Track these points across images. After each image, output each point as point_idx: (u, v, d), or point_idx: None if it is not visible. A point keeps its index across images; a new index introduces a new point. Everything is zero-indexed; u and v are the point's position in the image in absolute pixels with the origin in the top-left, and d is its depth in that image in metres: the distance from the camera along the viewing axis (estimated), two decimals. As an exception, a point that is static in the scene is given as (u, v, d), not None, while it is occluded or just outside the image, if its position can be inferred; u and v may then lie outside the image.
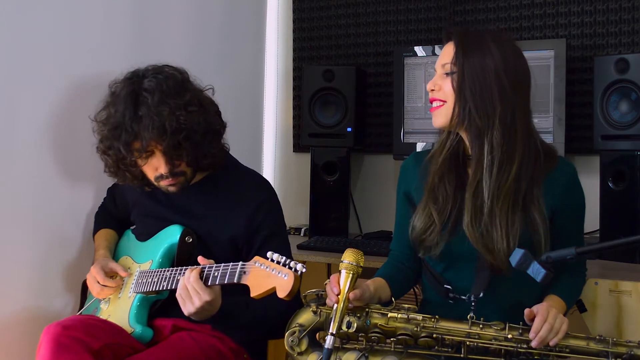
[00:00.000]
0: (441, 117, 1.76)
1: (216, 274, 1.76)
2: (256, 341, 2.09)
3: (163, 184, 1.97)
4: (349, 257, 1.62)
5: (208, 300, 1.76)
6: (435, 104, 1.77)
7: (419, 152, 1.97)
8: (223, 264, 1.77)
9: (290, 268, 1.62)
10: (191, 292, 1.76)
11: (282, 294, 1.61)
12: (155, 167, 1.94)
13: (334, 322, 1.55)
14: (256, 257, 1.71)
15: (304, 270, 1.61)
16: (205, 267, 1.79)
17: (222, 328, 1.97)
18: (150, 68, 1.96)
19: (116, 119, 1.89)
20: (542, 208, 1.72)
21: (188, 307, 1.78)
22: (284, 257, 1.64)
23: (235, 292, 1.80)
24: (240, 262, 1.73)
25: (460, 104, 1.71)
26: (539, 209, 1.72)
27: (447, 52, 1.77)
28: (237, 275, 1.72)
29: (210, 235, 2.00)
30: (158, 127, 1.85)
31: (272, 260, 1.65)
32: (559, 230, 1.75)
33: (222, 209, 2.02)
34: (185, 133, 1.87)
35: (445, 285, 1.79)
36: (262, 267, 1.68)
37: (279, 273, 1.63)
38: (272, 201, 2.06)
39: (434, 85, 1.77)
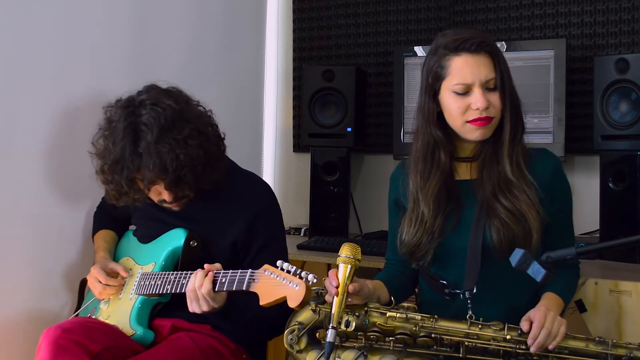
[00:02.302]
0: (489, 131, 1.75)
1: (224, 280, 1.77)
2: (255, 341, 2.09)
3: (167, 205, 1.97)
4: (346, 250, 1.62)
5: (216, 307, 1.80)
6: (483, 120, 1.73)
7: (404, 161, 1.96)
8: (232, 271, 1.77)
9: (301, 278, 1.62)
10: (201, 300, 1.79)
11: (293, 303, 1.62)
12: (158, 193, 1.93)
13: (334, 314, 1.56)
14: (266, 266, 1.71)
15: (314, 280, 1.61)
16: (214, 273, 1.79)
17: (221, 327, 1.98)
18: (146, 98, 1.89)
19: (116, 155, 1.86)
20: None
21: (195, 308, 1.81)
22: (294, 267, 1.64)
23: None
24: (250, 270, 1.73)
25: (510, 115, 1.74)
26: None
27: (486, 66, 1.71)
28: (245, 282, 1.72)
29: (211, 239, 2.00)
30: (158, 165, 1.82)
31: (282, 269, 1.66)
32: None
33: (223, 213, 2.01)
34: (187, 169, 1.85)
35: (440, 281, 1.80)
36: (272, 275, 1.68)
37: (289, 282, 1.63)
38: (273, 207, 2.07)
39: (488, 103, 1.70)
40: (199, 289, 1.77)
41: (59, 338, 1.75)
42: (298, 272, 1.63)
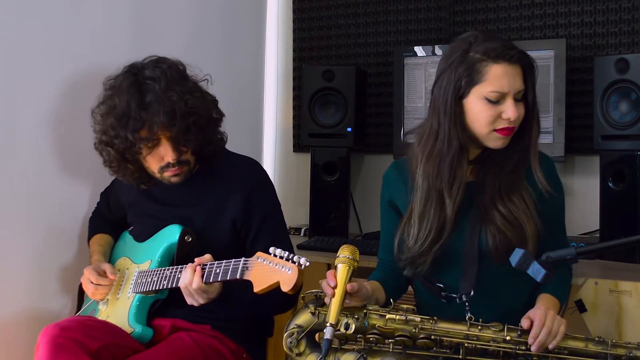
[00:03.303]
0: (508, 140, 1.75)
1: (218, 270, 1.77)
2: (256, 340, 2.10)
3: (167, 174, 1.97)
4: (344, 251, 1.63)
5: (212, 297, 1.82)
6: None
7: (398, 160, 1.95)
8: (225, 261, 1.77)
9: (293, 262, 1.63)
10: (195, 295, 1.81)
11: (286, 287, 1.62)
12: (161, 157, 1.94)
13: (331, 312, 1.56)
14: (258, 253, 1.72)
15: (307, 264, 1.62)
16: (206, 266, 1.80)
17: (221, 327, 1.98)
18: (148, 61, 1.97)
19: (122, 108, 1.88)
20: None
21: (192, 302, 1.83)
22: (287, 252, 1.66)
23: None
24: (243, 258, 1.74)
25: (536, 124, 1.76)
26: None
27: (519, 77, 1.71)
28: (239, 271, 1.73)
29: (211, 221, 2.01)
30: (168, 111, 1.85)
31: (275, 256, 1.67)
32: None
33: (218, 193, 2.02)
34: (194, 117, 1.90)
35: (437, 284, 1.80)
36: (265, 262, 1.69)
37: (282, 267, 1.64)
38: (266, 180, 2.09)
39: (518, 114, 1.71)
40: (189, 285, 1.79)
41: (57, 336, 1.75)
42: (290, 257, 1.64)
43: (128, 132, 1.87)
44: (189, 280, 1.79)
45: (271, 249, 1.68)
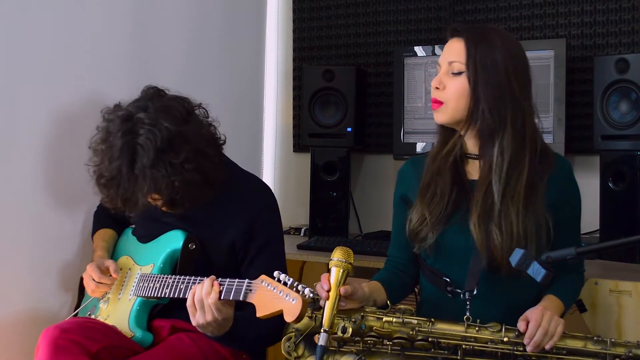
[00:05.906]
0: (443, 116, 1.76)
1: (221, 288, 1.73)
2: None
3: (158, 204, 1.94)
4: (338, 254, 1.61)
5: (219, 320, 1.72)
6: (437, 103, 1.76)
7: (414, 157, 1.96)
8: (229, 280, 1.73)
9: (297, 291, 1.59)
10: (206, 308, 1.72)
11: (289, 318, 1.59)
12: (154, 199, 1.89)
13: (325, 318, 1.55)
14: (263, 276, 1.68)
15: (311, 295, 1.58)
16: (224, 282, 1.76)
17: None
18: (144, 117, 1.81)
19: (112, 172, 1.81)
20: (544, 207, 1.72)
21: (198, 318, 1.73)
22: (291, 279, 1.61)
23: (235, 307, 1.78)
24: (247, 280, 1.70)
25: (474, 104, 1.71)
26: (543, 209, 1.72)
27: (455, 50, 1.74)
28: (243, 292, 1.69)
29: (210, 240, 1.99)
30: (153, 189, 1.80)
31: (279, 281, 1.63)
32: (556, 226, 1.74)
33: (222, 214, 2.00)
34: (182, 194, 1.83)
35: (444, 278, 1.77)
36: (269, 287, 1.65)
37: (286, 296, 1.60)
38: (272, 208, 2.05)
39: (439, 84, 1.74)
40: (206, 296, 1.71)
41: (57, 338, 1.75)
42: (295, 285, 1.60)
43: (119, 196, 1.83)
44: (207, 291, 1.71)
45: (275, 273, 1.64)
